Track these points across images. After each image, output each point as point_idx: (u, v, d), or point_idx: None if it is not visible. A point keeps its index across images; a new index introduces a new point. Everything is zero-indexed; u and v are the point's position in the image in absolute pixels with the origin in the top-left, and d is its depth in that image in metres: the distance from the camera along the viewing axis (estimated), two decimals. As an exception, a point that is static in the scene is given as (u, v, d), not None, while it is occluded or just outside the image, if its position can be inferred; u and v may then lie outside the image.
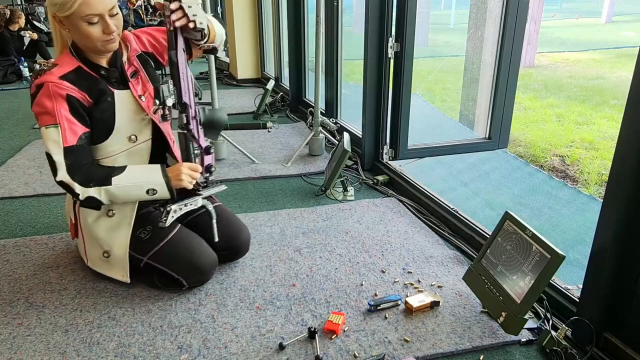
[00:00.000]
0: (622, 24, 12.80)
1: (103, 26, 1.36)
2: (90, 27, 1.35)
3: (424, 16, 8.54)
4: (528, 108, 5.80)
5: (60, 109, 1.38)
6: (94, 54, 1.46)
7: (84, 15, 1.32)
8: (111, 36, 1.38)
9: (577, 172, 3.93)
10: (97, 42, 1.38)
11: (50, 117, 1.37)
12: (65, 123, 1.39)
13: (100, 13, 1.34)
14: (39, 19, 9.43)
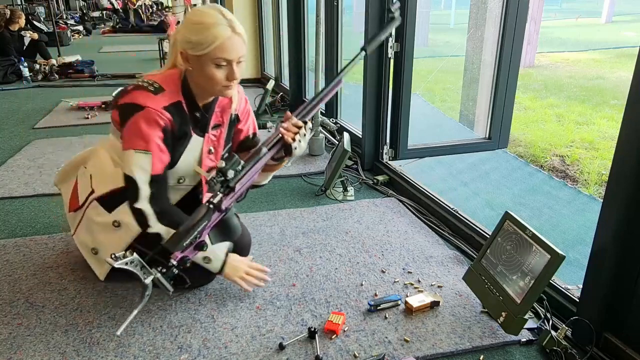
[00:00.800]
0: (622, 24, 12.80)
1: (228, 72, 1.36)
2: (217, 70, 1.35)
3: (424, 16, 8.54)
4: (528, 108, 5.80)
5: (156, 138, 1.37)
6: (204, 95, 1.47)
7: (215, 58, 1.33)
8: (232, 83, 1.39)
9: (577, 172, 3.93)
10: (218, 85, 1.38)
11: (143, 143, 1.36)
12: (157, 152, 1.39)
13: (232, 59, 1.34)
14: (39, 19, 9.43)
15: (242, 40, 1.36)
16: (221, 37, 1.31)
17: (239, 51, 1.35)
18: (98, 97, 4.49)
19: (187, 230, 1.33)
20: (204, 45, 1.31)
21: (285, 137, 1.41)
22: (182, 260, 1.35)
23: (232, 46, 1.33)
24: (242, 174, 1.37)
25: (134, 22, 12.15)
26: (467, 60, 3.36)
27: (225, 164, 1.33)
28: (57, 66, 5.80)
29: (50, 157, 2.96)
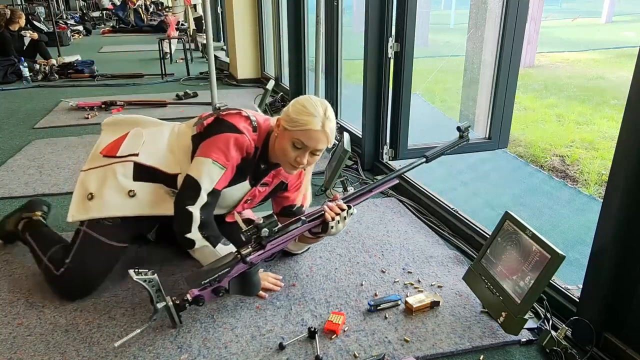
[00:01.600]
0: (622, 24, 12.79)
1: (299, 154, 1.49)
2: (292, 149, 1.48)
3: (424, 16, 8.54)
4: (528, 108, 5.80)
5: (235, 161, 1.51)
6: (273, 159, 1.60)
7: (296, 139, 1.47)
8: (298, 167, 1.52)
9: (577, 172, 3.93)
10: (286, 160, 1.52)
11: (223, 158, 1.49)
12: (229, 172, 1.51)
13: (307, 147, 1.47)
14: (39, 19, 9.43)
15: (326, 138, 1.49)
16: (310, 126, 1.45)
17: (317, 144, 1.48)
18: (98, 97, 4.49)
19: (209, 271, 1.39)
20: (294, 125, 1.46)
21: (326, 215, 1.49)
22: (197, 299, 1.40)
23: (314, 138, 1.47)
24: (276, 236, 1.44)
25: (133, 21, 12.15)
26: (467, 60, 3.35)
27: (263, 222, 1.40)
28: (57, 66, 5.80)
29: (50, 157, 2.96)
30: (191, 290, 1.41)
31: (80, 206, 1.57)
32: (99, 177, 1.59)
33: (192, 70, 5.79)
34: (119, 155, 1.61)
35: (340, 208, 1.50)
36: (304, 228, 1.50)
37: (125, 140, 1.65)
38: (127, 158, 1.59)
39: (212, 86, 3.19)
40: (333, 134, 1.51)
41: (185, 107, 4.22)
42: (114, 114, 1.75)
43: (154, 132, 1.67)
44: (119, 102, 4.19)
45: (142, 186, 1.56)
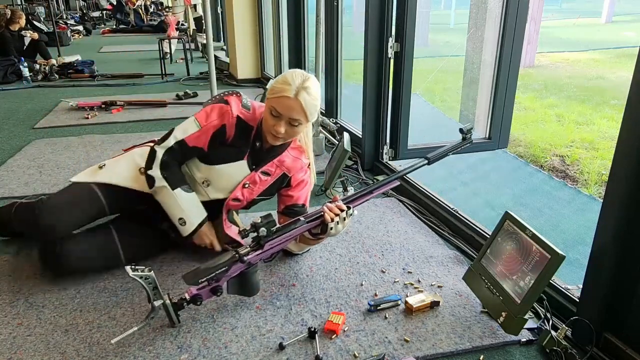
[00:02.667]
0: (622, 24, 12.79)
1: (276, 123, 1.53)
2: (270, 116, 1.54)
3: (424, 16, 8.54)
4: (528, 108, 5.80)
5: (212, 125, 1.60)
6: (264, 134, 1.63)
7: (271, 106, 1.53)
8: (276, 135, 1.55)
9: (577, 172, 3.93)
10: (267, 129, 1.58)
11: (203, 119, 1.60)
12: (203, 132, 1.60)
13: (281, 114, 1.51)
14: (39, 19, 9.43)
15: (299, 107, 1.51)
16: (283, 93, 1.50)
17: (290, 112, 1.51)
18: (98, 97, 4.49)
19: (206, 269, 1.39)
20: (272, 93, 1.53)
21: (325, 216, 1.49)
22: (195, 298, 1.41)
23: (286, 105, 1.50)
24: (275, 236, 1.45)
25: (133, 21, 12.15)
26: (467, 60, 3.35)
27: (260, 221, 1.41)
28: (57, 66, 5.80)
29: (50, 157, 2.96)
30: (189, 289, 1.41)
31: (87, 173, 1.72)
32: (115, 158, 1.77)
33: (192, 70, 5.79)
34: (140, 144, 1.81)
35: (340, 209, 1.50)
36: (303, 228, 1.50)
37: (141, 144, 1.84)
38: (145, 144, 1.78)
39: (212, 86, 3.18)
40: (309, 106, 1.52)
41: (185, 107, 4.22)
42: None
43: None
44: (119, 102, 4.19)
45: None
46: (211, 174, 1.67)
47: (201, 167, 1.67)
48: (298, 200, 1.77)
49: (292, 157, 1.72)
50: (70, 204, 1.64)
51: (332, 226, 1.50)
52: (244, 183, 1.68)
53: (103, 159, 2.86)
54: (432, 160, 1.65)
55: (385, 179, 1.64)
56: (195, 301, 1.41)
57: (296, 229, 1.49)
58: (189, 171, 1.69)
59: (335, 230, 1.51)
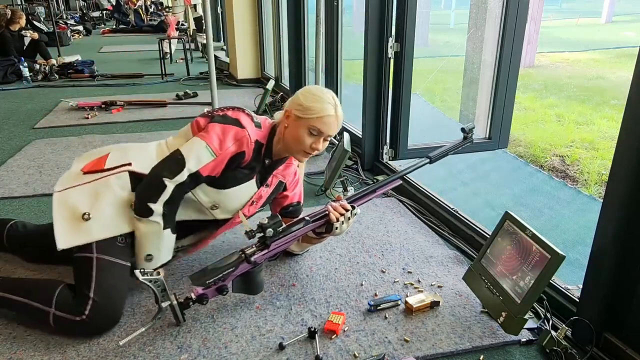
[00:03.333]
0: (622, 24, 12.80)
1: (315, 141, 1.51)
2: (307, 136, 1.50)
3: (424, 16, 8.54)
4: (528, 108, 5.80)
5: (229, 153, 1.47)
6: (281, 151, 1.60)
7: (312, 126, 1.49)
8: (313, 153, 1.55)
9: (577, 172, 3.93)
10: (300, 148, 1.53)
11: (217, 147, 1.45)
12: (219, 162, 1.47)
13: (323, 133, 1.51)
14: (39, 19, 9.43)
15: (338, 123, 1.53)
16: (326, 113, 1.49)
17: (332, 130, 1.52)
18: (98, 97, 4.49)
19: (214, 270, 1.39)
20: (309, 112, 1.49)
21: (331, 216, 1.49)
22: (201, 297, 1.41)
23: (330, 123, 1.50)
24: (280, 236, 1.45)
25: (134, 21, 12.16)
26: (467, 60, 3.36)
27: (267, 222, 1.41)
28: (57, 66, 5.80)
29: (50, 157, 2.96)
30: (195, 289, 1.41)
31: (73, 229, 1.42)
32: (88, 194, 1.46)
33: (192, 70, 5.79)
34: (108, 167, 1.50)
35: (345, 208, 1.50)
36: (308, 228, 1.51)
37: (110, 155, 1.55)
38: (119, 169, 1.50)
39: (212, 86, 3.18)
40: (342, 119, 1.55)
41: (185, 107, 4.22)
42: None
43: (139, 147, 1.61)
44: (119, 102, 4.19)
45: None
46: (220, 198, 1.55)
47: (209, 191, 1.54)
48: (293, 199, 1.78)
49: (284, 163, 1.70)
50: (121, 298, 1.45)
51: (337, 226, 1.50)
52: (252, 201, 1.63)
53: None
54: (433, 159, 1.65)
55: (388, 178, 1.64)
56: (201, 300, 1.41)
57: (301, 228, 1.49)
58: (195, 197, 1.53)
59: (340, 230, 1.51)
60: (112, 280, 1.42)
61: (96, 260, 1.41)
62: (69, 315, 1.36)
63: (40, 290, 1.43)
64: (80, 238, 1.42)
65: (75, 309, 1.36)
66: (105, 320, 1.41)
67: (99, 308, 1.37)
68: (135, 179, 1.48)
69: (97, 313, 1.37)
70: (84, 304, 1.36)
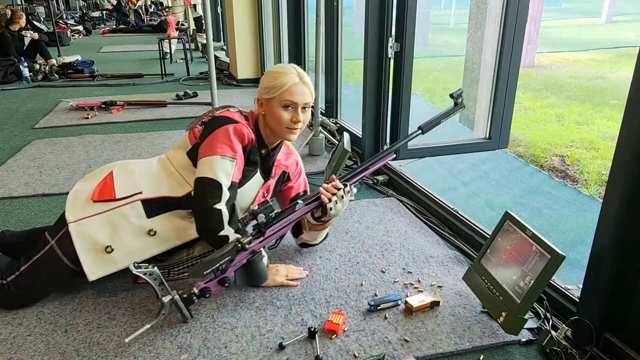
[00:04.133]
0: (622, 24, 12.80)
1: (293, 114, 1.52)
2: (284, 111, 1.52)
3: (424, 16, 8.54)
4: (528, 108, 5.80)
5: (240, 149, 1.51)
6: (271, 138, 1.61)
7: (283, 100, 1.51)
8: (296, 126, 1.54)
9: (577, 172, 3.93)
10: (282, 126, 1.53)
11: (230, 151, 1.48)
12: (240, 161, 1.51)
13: (296, 102, 1.51)
14: (39, 19, 9.43)
15: (308, 89, 1.54)
16: (289, 83, 1.50)
17: (304, 97, 1.52)
18: (98, 97, 4.50)
19: (211, 261, 1.37)
20: (275, 89, 1.51)
21: (322, 197, 1.51)
22: (203, 291, 1.42)
23: (298, 91, 1.51)
24: (274, 221, 1.45)
25: (133, 21, 12.16)
26: (467, 60, 3.35)
27: (258, 208, 1.42)
28: (57, 66, 5.80)
29: (50, 157, 2.96)
30: (197, 283, 1.42)
31: (100, 262, 1.47)
32: (104, 224, 1.49)
33: (192, 70, 5.79)
34: (120, 197, 1.51)
35: (336, 187, 1.52)
36: (302, 211, 1.51)
37: (114, 180, 1.55)
38: (131, 198, 1.51)
39: (212, 86, 3.18)
40: (312, 86, 1.56)
41: (185, 107, 4.22)
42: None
43: (141, 164, 1.62)
44: (119, 102, 4.19)
45: (159, 220, 1.52)
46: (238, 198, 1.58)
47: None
48: (299, 189, 1.79)
49: (284, 154, 1.72)
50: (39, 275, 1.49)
51: (330, 206, 1.51)
52: (263, 193, 1.67)
53: (103, 159, 2.89)
54: (425, 129, 1.64)
55: (379, 153, 1.64)
56: (204, 294, 1.42)
57: (295, 212, 1.50)
58: None
59: (335, 210, 1.52)
60: (48, 270, 1.48)
61: (49, 247, 1.48)
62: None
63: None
64: (109, 268, 1.48)
65: (3, 272, 1.48)
66: (17, 297, 1.49)
67: (19, 283, 1.46)
68: (148, 205, 1.52)
69: (16, 286, 1.46)
70: (12, 272, 1.47)
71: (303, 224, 1.71)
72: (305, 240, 1.78)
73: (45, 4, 10.34)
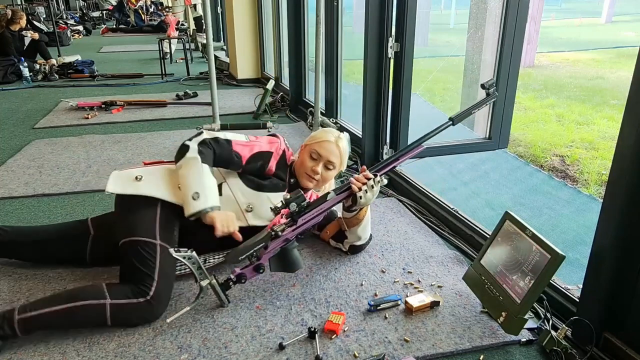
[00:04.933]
0: (622, 24, 12.80)
1: (314, 165, 1.73)
2: (309, 159, 1.74)
3: (424, 16, 8.54)
4: (528, 108, 5.81)
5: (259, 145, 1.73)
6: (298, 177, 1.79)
7: (312, 150, 1.74)
8: (314, 176, 1.73)
9: (577, 172, 3.93)
10: (303, 170, 1.75)
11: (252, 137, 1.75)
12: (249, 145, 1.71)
13: (321, 156, 1.72)
14: (39, 19, 9.44)
15: (339, 152, 1.75)
16: (325, 139, 1.75)
17: (330, 155, 1.73)
18: (98, 97, 4.50)
19: (245, 247, 1.46)
20: (312, 139, 1.77)
21: (353, 187, 1.59)
22: (240, 277, 1.49)
23: (328, 148, 1.74)
24: (306, 210, 1.52)
25: (134, 21, 12.17)
26: (467, 60, 3.36)
27: (290, 197, 1.48)
28: (57, 66, 5.80)
29: (50, 157, 2.96)
30: (234, 270, 1.50)
31: (125, 183, 1.59)
32: (144, 169, 1.65)
33: (192, 70, 5.79)
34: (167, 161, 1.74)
35: (366, 177, 1.59)
36: (334, 201, 1.57)
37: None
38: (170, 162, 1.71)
39: (212, 86, 3.18)
40: (345, 153, 1.77)
41: (185, 107, 4.22)
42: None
43: None
44: (119, 102, 4.19)
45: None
46: (256, 200, 1.69)
47: (247, 192, 1.70)
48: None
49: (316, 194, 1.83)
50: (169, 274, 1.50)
51: (360, 195, 1.57)
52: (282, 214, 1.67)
53: (103, 159, 2.89)
54: (456, 120, 1.68)
55: (410, 145, 1.69)
56: (240, 280, 1.49)
57: (327, 202, 1.56)
58: (233, 195, 1.68)
59: (365, 200, 1.59)
60: (170, 266, 1.51)
61: (160, 247, 1.50)
62: (130, 300, 1.40)
63: (84, 291, 1.42)
64: (128, 189, 1.58)
65: (137, 293, 1.41)
66: (165, 301, 1.49)
67: (162, 289, 1.45)
68: None
69: (160, 294, 1.45)
70: (148, 286, 1.42)
71: (342, 226, 1.77)
72: (351, 242, 1.80)
73: (45, 4, 10.34)
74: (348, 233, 1.77)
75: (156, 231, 1.51)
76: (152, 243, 1.49)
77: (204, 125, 2.86)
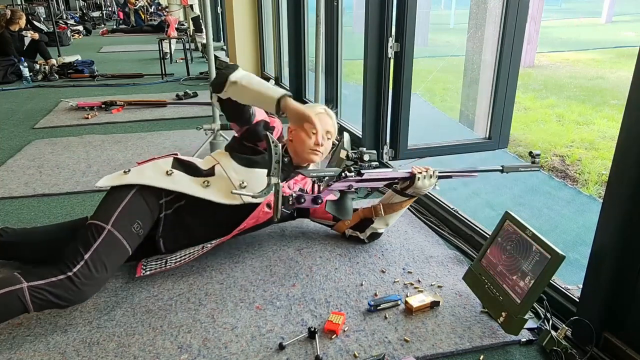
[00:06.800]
0: (622, 24, 12.79)
1: (316, 139, 1.75)
2: (307, 136, 1.76)
3: (424, 16, 8.53)
4: (528, 108, 5.80)
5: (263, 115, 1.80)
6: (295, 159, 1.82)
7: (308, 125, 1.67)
8: (318, 149, 1.78)
9: (577, 172, 3.93)
10: (305, 148, 1.78)
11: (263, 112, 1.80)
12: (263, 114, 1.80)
13: (318, 129, 1.66)
14: (39, 19, 9.44)
15: (332, 121, 1.84)
16: (316, 112, 1.76)
17: (326, 125, 1.80)
18: (98, 97, 4.50)
19: (317, 170, 1.56)
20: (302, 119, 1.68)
21: (413, 169, 1.70)
22: (299, 197, 1.54)
23: (322, 120, 1.78)
24: (374, 170, 1.60)
25: (134, 21, 12.17)
26: (467, 60, 3.35)
27: (366, 150, 1.58)
28: (57, 66, 5.80)
29: (50, 157, 2.96)
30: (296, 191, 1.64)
31: (114, 178, 1.63)
32: (135, 168, 1.68)
33: (192, 70, 5.79)
34: (158, 156, 1.76)
35: (426, 168, 1.71)
36: (397, 174, 1.69)
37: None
38: (167, 156, 1.75)
39: (212, 86, 3.18)
40: (335, 120, 1.83)
41: (185, 107, 4.22)
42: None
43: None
44: (119, 102, 4.19)
45: (180, 171, 1.69)
46: (249, 177, 1.71)
47: (239, 169, 1.73)
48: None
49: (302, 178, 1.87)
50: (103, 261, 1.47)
51: (419, 177, 1.69)
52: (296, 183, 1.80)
53: (103, 159, 2.89)
54: (506, 170, 1.76)
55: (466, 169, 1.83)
56: (299, 200, 1.53)
57: (389, 171, 1.68)
58: (226, 174, 1.71)
59: (422, 183, 1.69)
60: (109, 256, 1.48)
61: (107, 231, 1.48)
62: (49, 279, 1.36)
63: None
64: (116, 181, 1.61)
65: (57, 270, 1.38)
66: (92, 285, 1.43)
67: (90, 272, 1.42)
68: (178, 162, 1.72)
69: (86, 275, 1.41)
70: (74, 263, 1.40)
71: (376, 211, 1.82)
72: (377, 228, 1.86)
73: (45, 4, 10.35)
74: (378, 219, 1.83)
75: (112, 216, 1.51)
76: (100, 226, 1.49)
77: (204, 125, 2.86)
